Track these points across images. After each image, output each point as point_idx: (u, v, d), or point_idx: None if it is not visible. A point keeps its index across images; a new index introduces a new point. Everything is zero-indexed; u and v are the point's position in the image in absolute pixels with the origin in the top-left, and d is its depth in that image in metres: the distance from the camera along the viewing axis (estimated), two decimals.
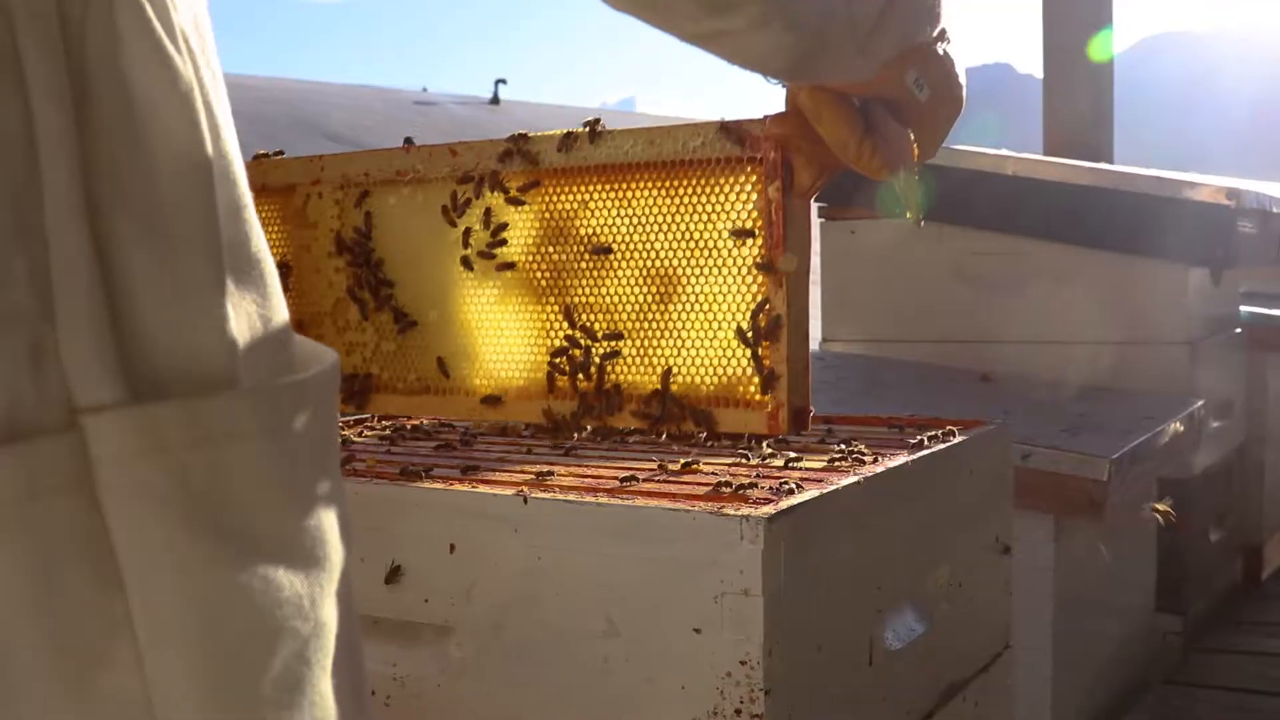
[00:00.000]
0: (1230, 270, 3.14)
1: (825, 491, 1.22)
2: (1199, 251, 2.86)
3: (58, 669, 0.54)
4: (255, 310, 0.64)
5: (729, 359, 1.24)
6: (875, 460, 1.37)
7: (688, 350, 1.27)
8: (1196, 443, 2.66)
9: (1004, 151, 3.04)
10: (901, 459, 1.38)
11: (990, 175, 2.97)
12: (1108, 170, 3.00)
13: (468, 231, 1.40)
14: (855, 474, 1.30)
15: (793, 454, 1.40)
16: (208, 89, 0.62)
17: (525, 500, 1.22)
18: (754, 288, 1.23)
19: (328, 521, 0.64)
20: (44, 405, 0.54)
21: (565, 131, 1.33)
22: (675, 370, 1.27)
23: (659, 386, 1.28)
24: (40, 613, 0.53)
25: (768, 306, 1.21)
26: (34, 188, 0.55)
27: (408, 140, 1.46)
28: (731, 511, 1.13)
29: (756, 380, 1.22)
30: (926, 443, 1.48)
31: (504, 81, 22.90)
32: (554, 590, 1.21)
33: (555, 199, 1.34)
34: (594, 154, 1.31)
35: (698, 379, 1.26)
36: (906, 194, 1.15)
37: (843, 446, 1.45)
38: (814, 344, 3.28)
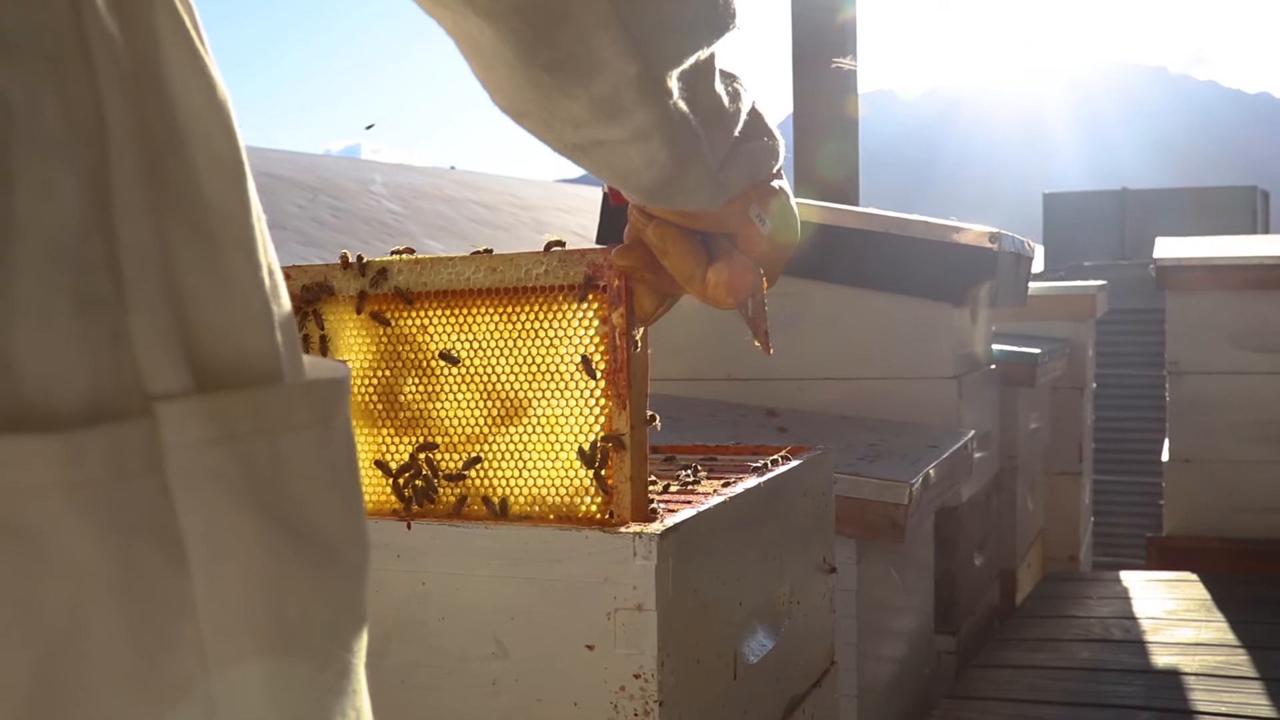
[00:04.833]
0: (986, 310, 3.35)
1: (701, 510, 1.27)
2: (964, 291, 3.04)
3: (129, 653, 0.53)
4: (282, 316, 0.64)
5: (571, 479, 1.25)
6: (732, 483, 1.43)
7: (529, 472, 1.27)
8: (969, 471, 2.83)
9: None
10: (754, 481, 1.45)
11: None
12: (878, 215, 3.16)
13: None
14: (720, 494, 1.36)
15: (651, 478, 1.45)
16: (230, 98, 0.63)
17: (409, 526, 1.23)
18: (596, 410, 1.25)
19: (362, 519, 0.66)
20: (122, 391, 0.54)
21: (393, 258, 1.33)
22: (517, 492, 1.27)
23: (497, 509, 1.28)
24: (118, 595, 0.53)
25: (610, 428, 1.24)
26: (104, 178, 0.55)
27: None
28: (623, 530, 1.17)
29: (599, 499, 1.24)
30: (770, 466, 1.55)
31: None
32: (439, 615, 1.22)
33: (394, 322, 1.33)
34: (434, 280, 1.31)
35: (540, 499, 1.26)
36: (755, 324, 1.19)
37: (688, 473, 1.51)
38: None
